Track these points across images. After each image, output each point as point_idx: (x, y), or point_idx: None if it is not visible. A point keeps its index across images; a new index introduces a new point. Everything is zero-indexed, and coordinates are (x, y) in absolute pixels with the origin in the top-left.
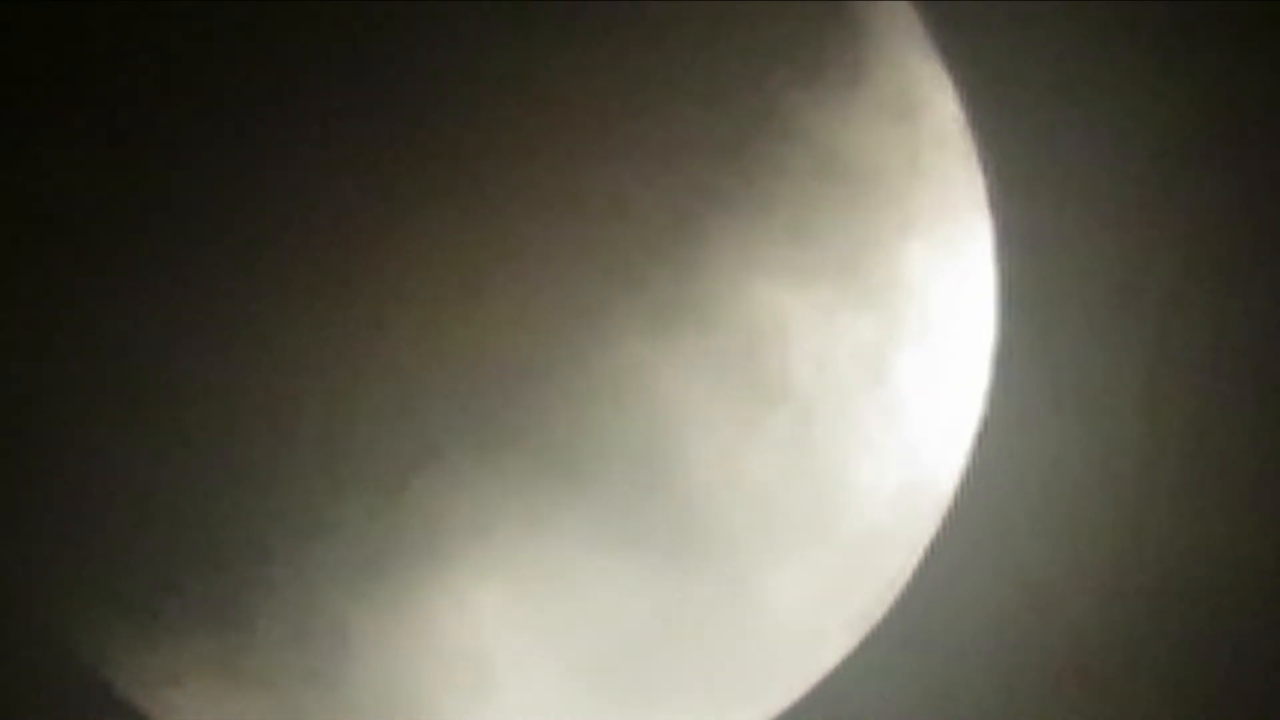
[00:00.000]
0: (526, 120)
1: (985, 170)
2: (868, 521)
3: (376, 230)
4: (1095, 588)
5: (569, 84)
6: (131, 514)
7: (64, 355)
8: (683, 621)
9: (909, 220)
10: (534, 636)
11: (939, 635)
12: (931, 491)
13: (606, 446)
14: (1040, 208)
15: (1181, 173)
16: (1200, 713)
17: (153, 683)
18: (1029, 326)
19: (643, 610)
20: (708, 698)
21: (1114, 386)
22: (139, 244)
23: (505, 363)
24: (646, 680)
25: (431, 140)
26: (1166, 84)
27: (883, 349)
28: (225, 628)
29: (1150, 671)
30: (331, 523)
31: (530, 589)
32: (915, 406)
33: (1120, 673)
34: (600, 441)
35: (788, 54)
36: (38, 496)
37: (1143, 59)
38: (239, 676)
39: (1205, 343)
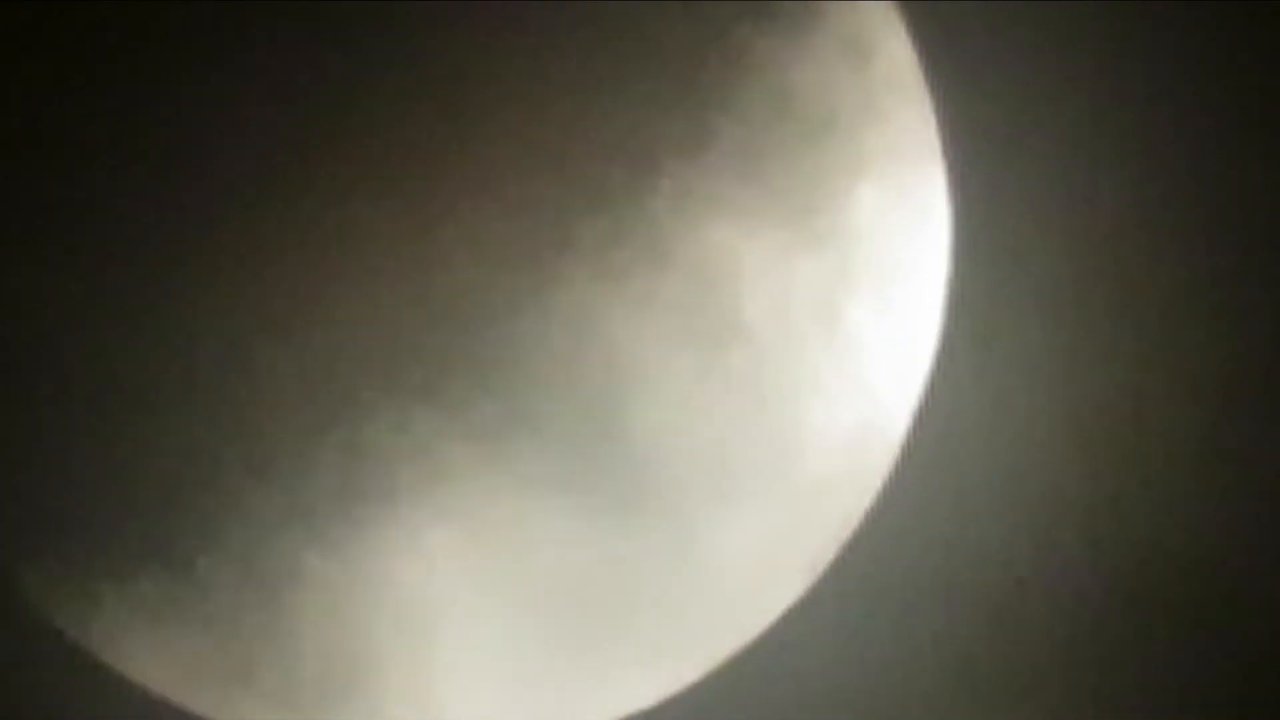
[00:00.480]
0: (473, 59)
1: (939, 113)
2: (821, 463)
3: (325, 175)
4: (1047, 530)
5: (517, 22)
6: (76, 458)
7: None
8: (633, 565)
9: (863, 162)
10: (484, 580)
11: (891, 578)
12: (884, 433)
13: (558, 390)
14: (995, 151)
15: (1137, 117)
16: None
17: (101, 626)
18: (983, 269)
19: (593, 553)
20: (658, 641)
21: (1068, 330)
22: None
23: (456, 306)
24: (596, 623)
25: (377, 81)
26: (1123, 29)
27: (836, 291)
28: (174, 570)
29: (1099, 613)
30: (282, 466)
31: (481, 532)
32: (868, 348)
33: (1069, 614)
34: (552, 385)
35: None
36: None
37: (1100, 4)
38: (188, 619)
39: (1164, 284)
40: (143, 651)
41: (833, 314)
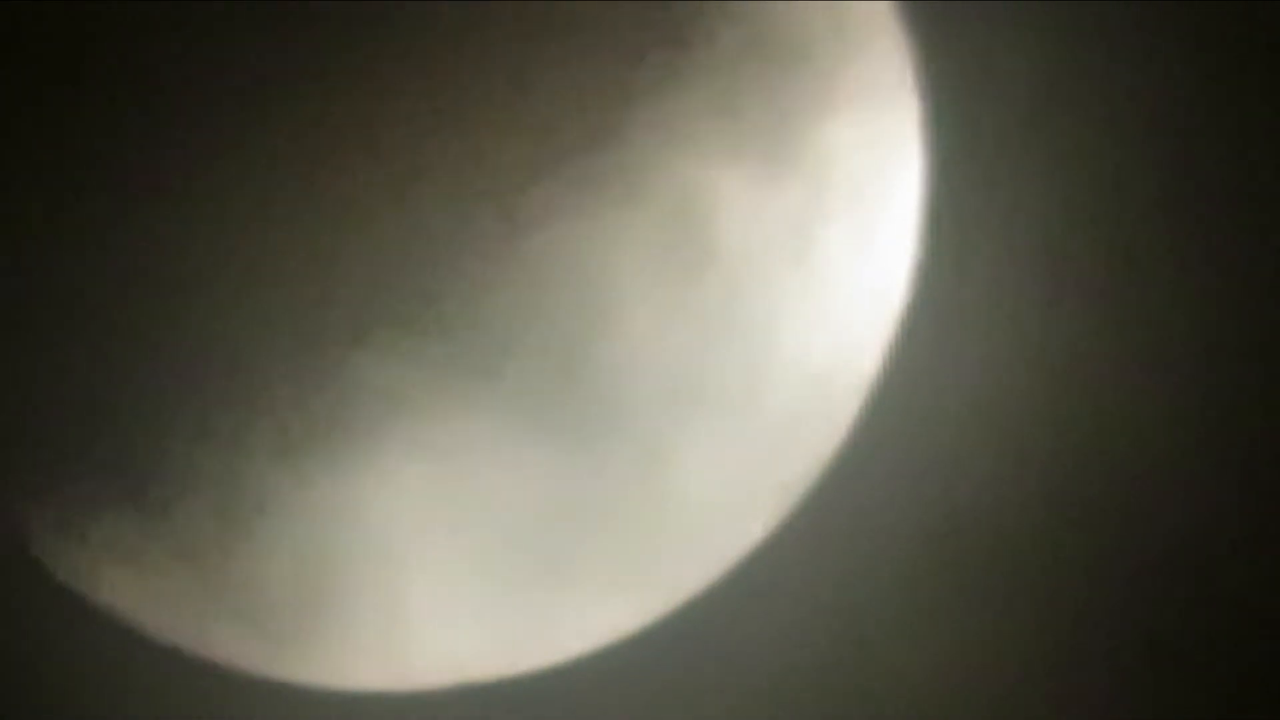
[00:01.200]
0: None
1: (913, 46)
2: (793, 395)
3: (304, 112)
4: (1018, 465)
5: None
6: (51, 392)
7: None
8: (601, 495)
9: (836, 96)
10: (453, 510)
11: (863, 512)
12: (857, 366)
13: (528, 324)
14: (969, 83)
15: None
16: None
17: (77, 559)
18: (957, 201)
19: (562, 484)
20: (626, 573)
21: (1043, 263)
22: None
23: (426, 244)
24: (564, 554)
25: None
26: None
27: (809, 223)
28: (145, 502)
29: (1070, 547)
30: (255, 402)
31: (449, 464)
32: (842, 280)
33: (1042, 553)
34: (522, 319)
35: None
36: None
37: None
38: (160, 550)
39: (1141, 213)
40: (118, 583)
41: (806, 246)
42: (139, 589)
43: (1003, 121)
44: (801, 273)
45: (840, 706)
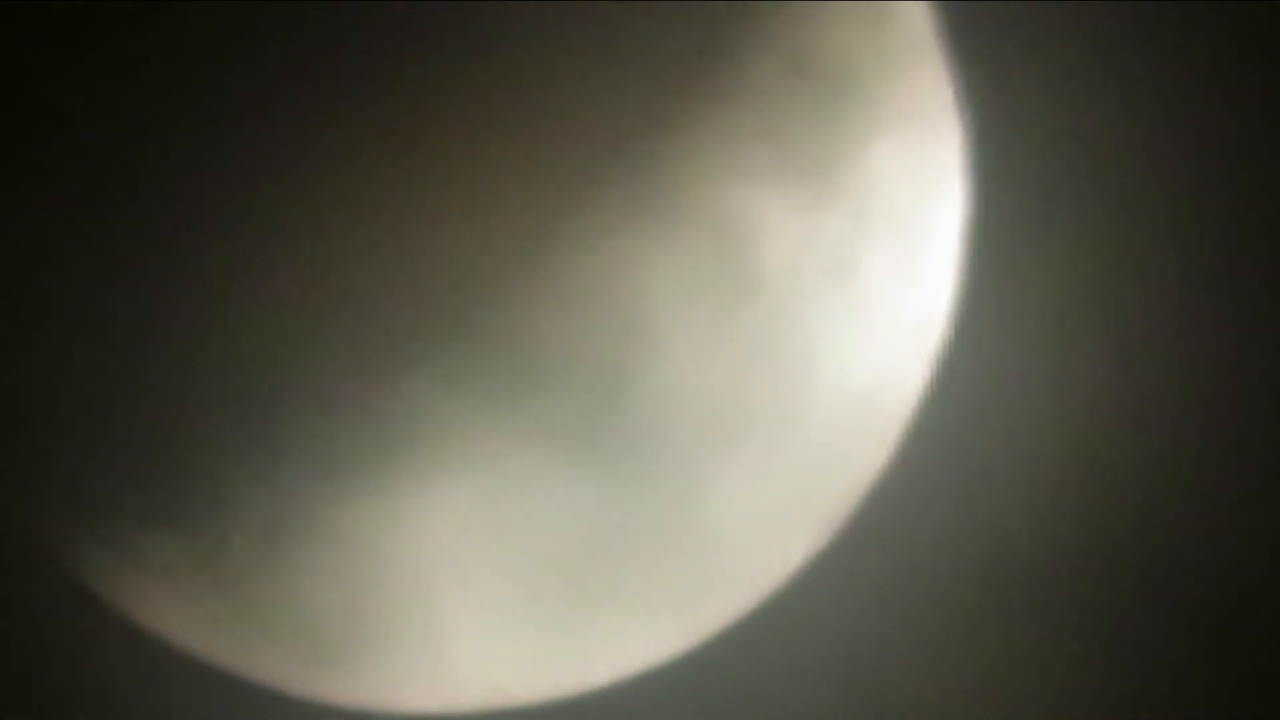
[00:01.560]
0: (494, 23)
1: (956, 71)
2: (834, 421)
3: (352, 141)
4: (1061, 492)
5: None
6: (97, 419)
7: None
8: (643, 521)
9: (879, 121)
10: (496, 536)
11: (901, 541)
12: (899, 391)
13: (572, 349)
14: (1011, 108)
15: (1154, 70)
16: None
17: (123, 581)
18: (998, 228)
19: (604, 513)
20: (667, 598)
21: (1086, 289)
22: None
23: (476, 266)
24: (605, 583)
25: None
26: None
27: (852, 248)
28: (190, 525)
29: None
30: (300, 426)
31: (493, 489)
32: (884, 306)
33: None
34: (566, 344)
35: None
36: (8, 404)
37: None
38: (210, 574)
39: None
40: (162, 604)
41: (848, 272)
42: (183, 610)
43: (1045, 146)
44: (843, 299)
45: None
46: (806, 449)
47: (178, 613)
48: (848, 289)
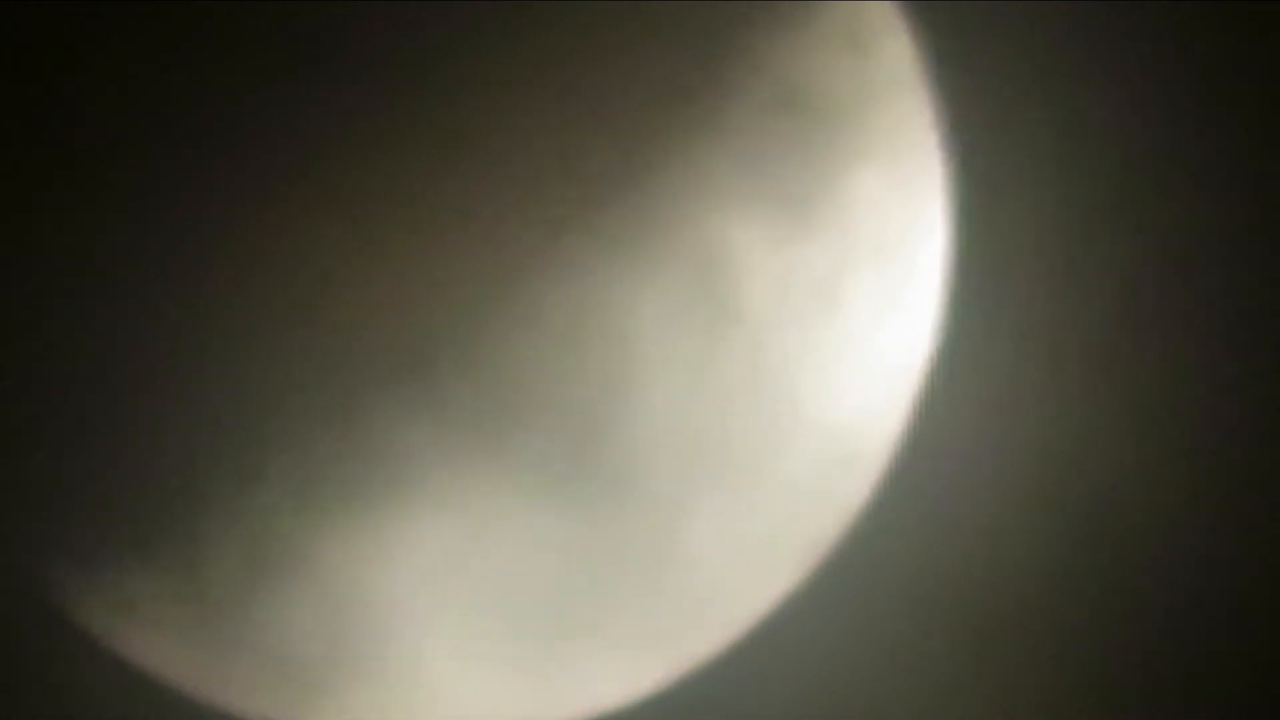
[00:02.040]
0: (474, 56)
1: (937, 103)
2: (819, 450)
3: (331, 178)
4: (1048, 524)
5: (521, 20)
6: (82, 451)
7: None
8: (622, 556)
9: (861, 150)
10: (477, 568)
11: (883, 574)
12: (882, 423)
13: (554, 379)
14: (992, 139)
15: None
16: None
17: (108, 613)
18: (981, 258)
19: (584, 544)
20: (646, 634)
21: (1068, 315)
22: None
23: (457, 300)
24: (585, 615)
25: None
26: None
27: (835, 278)
28: (178, 561)
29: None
30: (283, 459)
31: (474, 523)
32: (867, 336)
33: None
34: (548, 374)
35: None
36: None
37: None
38: (196, 604)
39: (1164, 271)
40: (144, 635)
41: (832, 301)
42: (165, 641)
43: (1029, 176)
44: (826, 329)
45: None
46: (788, 482)
47: (159, 642)
48: (830, 320)
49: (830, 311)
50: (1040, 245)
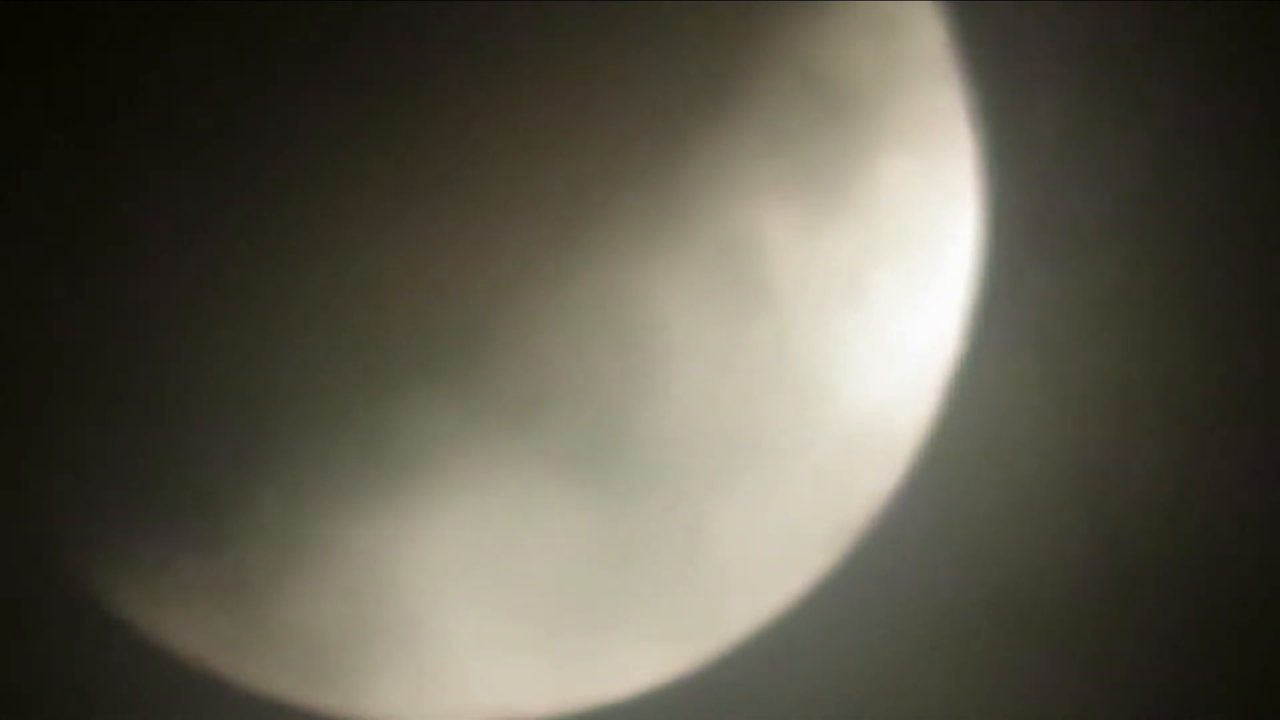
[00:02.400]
0: (497, 46)
1: (968, 88)
2: (841, 446)
3: (357, 161)
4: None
5: (554, 7)
6: (114, 440)
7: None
8: (646, 544)
9: (889, 137)
10: (501, 555)
11: (909, 564)
12: (907, 414)
13: (584, 368)
14: (1024, 125)
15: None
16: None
17: (138, 600)
18: (1010, 246)
19: (614, 533)
20: (667, 622)
21: (1098, 302)
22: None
23: (483, 286)
24: (608, 601)
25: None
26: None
27: (863, 266)
28: (209, 543)
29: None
30: (311, 445)
31: (498, 510)
32: (893, 326)
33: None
34: (577, 363)
35: None
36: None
37: None
38: (226, 590)
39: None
40: (174, 619)
41: (859, 289)
42: (195, 627)
43: (1058, 164)
44: (852, 318)
45: None
46: (814, 470)
47: (191, 632)
48: (858, 308)
49: (857, 300)
50: (1070, 234)
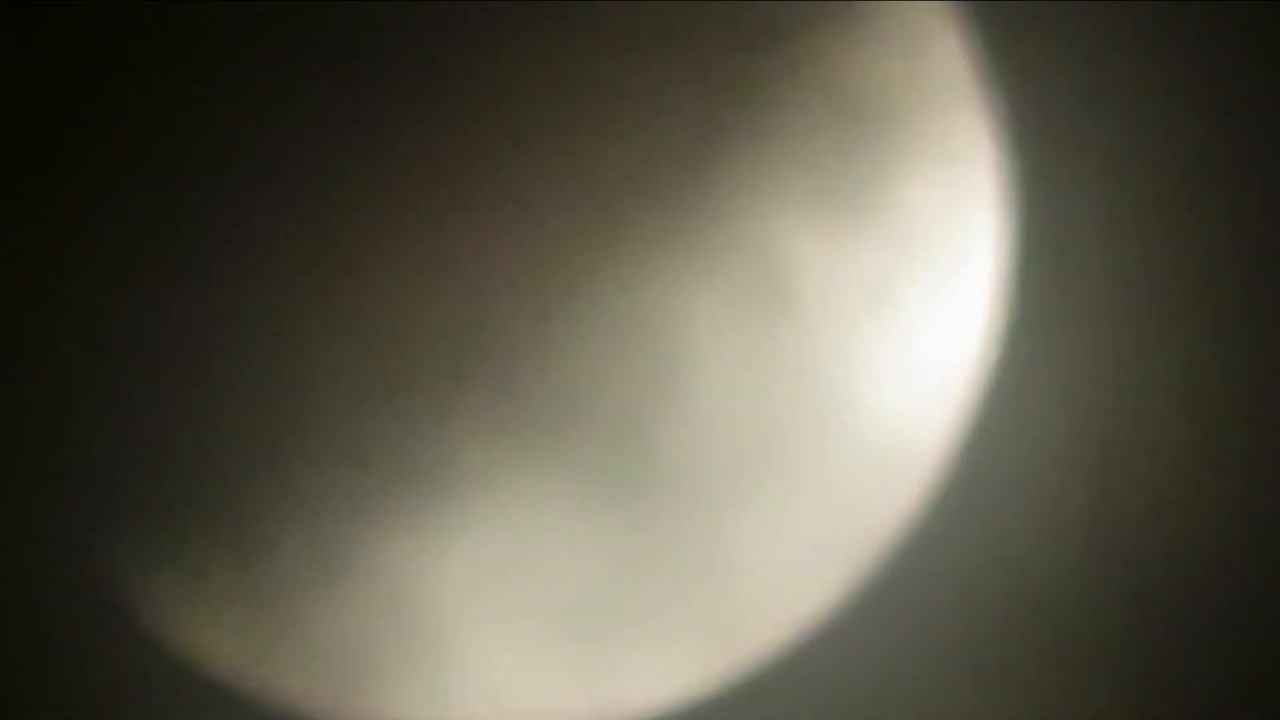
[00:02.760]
0: (533, 59)
1: (991, 102)
2: (867, 458)
3: (380, 178)
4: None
5: (579, 20)
6: (147, 451)
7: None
8: (671, 558)
9: (915, 151)
10: (528, 569)
11: (935, 576)
12: (935, 421)
13: (609, 384)
14: (1049, 139)
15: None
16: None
17: (168, 611)
18: (1036, 259)
19: (638, 548)
20: (693, 635)
21: (1124, 313)
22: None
23: (508, 305)
24: (635, 619)
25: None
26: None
27: (888, 279)
28: (242, 558)
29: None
30: (338, 466)
31: (525, 525)
32: (920, 339)
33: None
34: (605, 374)
35: None
36: (61, 432)
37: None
38: (255, 603)
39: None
40: (205, 635)
41: (884, 302)
42: (224, 638)
43: (1084, 177)
44: (879, 332)
45: None
46: (839, 482)
47: (219, 644)
48: (882, 320)
49: (882, 312)
50: (1095, 246)
